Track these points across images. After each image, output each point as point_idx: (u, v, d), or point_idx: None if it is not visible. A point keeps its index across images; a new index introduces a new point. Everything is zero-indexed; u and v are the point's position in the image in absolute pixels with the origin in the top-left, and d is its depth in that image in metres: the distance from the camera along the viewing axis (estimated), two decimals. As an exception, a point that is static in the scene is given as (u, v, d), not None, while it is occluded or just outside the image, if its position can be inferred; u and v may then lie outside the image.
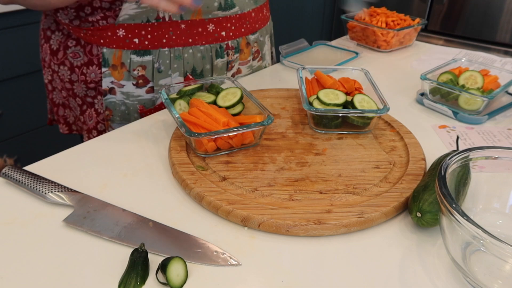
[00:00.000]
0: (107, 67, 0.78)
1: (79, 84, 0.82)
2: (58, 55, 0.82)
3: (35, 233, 0.49)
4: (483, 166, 0.50)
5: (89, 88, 0.81)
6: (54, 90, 0.89)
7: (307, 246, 0.48)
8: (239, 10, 0.82)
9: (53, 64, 0.83)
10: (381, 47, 1.11)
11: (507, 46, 1.95)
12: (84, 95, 0.83)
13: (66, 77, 0.82)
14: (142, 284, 0.43)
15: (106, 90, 0.80)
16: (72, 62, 0.80)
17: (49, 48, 0.83)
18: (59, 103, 0.90)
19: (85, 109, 0.85)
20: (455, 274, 0.45)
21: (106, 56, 0.77)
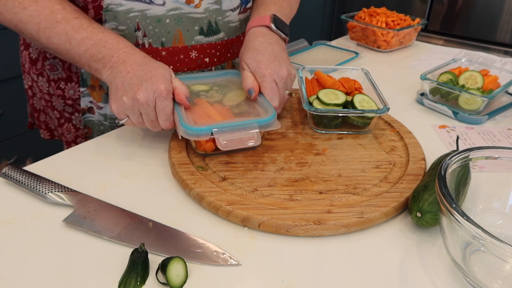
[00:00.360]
0: (85, 87, 0.75)
1: (56, 98, 0.80)
2: (37, 65, 0.79)
3: (35, 233, 0.49)
4: (483, 166, 0.50)
5: (66, 105, 0.79)
6: (34, 96, 0.86)
7: (307, 246, 0.48)
8: (225, 36, 0.77)
9: (32, 73, 0.81)
10: (381, 47, 1.11)
11: (507, 46, 1.95)
12: (62, 109, 0.81)
13: (44, 89, 0.80)
14: (142, 284, 0.43)
15: (85, 109, 0.77)
16: (49, 75, 0.78)
17: (28, 56, 0.81)
18: (40, 109, 0.88)
19: (63, 123, 0.83)
20: (455, 274, 0.45)
21: (84, 77, 0.75)
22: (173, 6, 0.69)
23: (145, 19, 0.68)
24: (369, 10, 1.19)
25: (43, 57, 0.78)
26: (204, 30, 0.74)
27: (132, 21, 0.68)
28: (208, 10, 0.72)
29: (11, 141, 1.71)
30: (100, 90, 0.75)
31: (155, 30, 0.70)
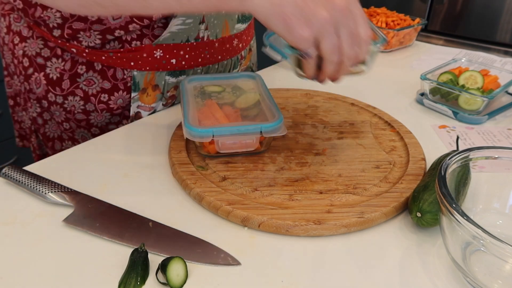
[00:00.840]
0: (137, 91, 0.71)
1: (98, 113, 0.73)
2: (62, 85, 0.71)
3: (35, 233, 0.49)
4: (483, 166, 0.50)
5: (113, 115, 0.74)
6: (46, 123, 0.78)
7: (307, 246, 0.48)
8: (250, 20, 0.82)
9: (53, 96, 0.72)
10: (381, 47, 1.11)
11: (507, 46, 1.95)
12: (106, 123, 0.75)
13: (78, 108, 0.73)
14: (142, 284, 0.43)
15: (133, 116, 0.74)
16: (87, 91, 0.71)
17: (44, 78, 0.71)
18: (54, 137, 0.80)
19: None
20: (455, 274, 0.45)
21: (136, 80, 0.70)
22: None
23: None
24: (369, 10, 1.19)
25: (71, 75, 0.71)
26: (239, 17, 0.77)
27: (200, 14, 0.69)
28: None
29: (11, 141, 1.71)
30: (154, 90, 0.72)
31: (215, 22, 0.71)
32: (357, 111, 0.75)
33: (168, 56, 0.71)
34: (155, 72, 0.72)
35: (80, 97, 0.72)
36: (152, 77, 0.72)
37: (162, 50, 0.70)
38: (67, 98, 0.72)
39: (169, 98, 0.76)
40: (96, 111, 0.73)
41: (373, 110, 0.74)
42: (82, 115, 0.74)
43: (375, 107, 0.76)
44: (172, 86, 0.75)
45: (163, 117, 0.74)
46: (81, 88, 0.71)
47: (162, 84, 0.73)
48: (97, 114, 0.74)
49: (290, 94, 0.81)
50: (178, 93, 0.76)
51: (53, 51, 0.71)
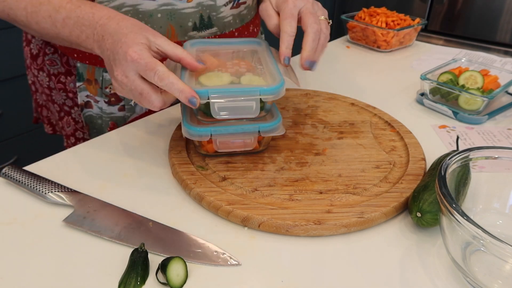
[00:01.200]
0: (81, 81, 0.75)
1: (57, 92, 0.79)
2: (38, 61, 0.79)
3: (35, 233, 0.49)
4: (483, 166, 0.50)
5: (68, 98, 0.79)
6: (37, 91, 0.86)
7: (307, 246, 0.48)
8: (218, 31, 0.75)
9: (33, 69, 0.81)
10: (381, 47, 1.11)
11: (507, 46, 1.95)
12: (62, 103, 0.81)
13: (45, 83, 0.80)
14: (142, 284, 0.43)
15: (82, 105, 0.77)
16: (49, 70, 0.78)
17: (29, 52, 0.81)
18: (42, 104, 0.88)
19: (63, 116, 0.83)
20: (455, 274, 0.45)
21: (80, 71, 0.74)
22: (165, 1, 0.68)
23: (137, 14, 0.68)
24: (369, 10, 1.19)
25: (43, 53, 0.77)
26: (197, 25, 0.73)
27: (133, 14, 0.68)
28: (201, 5, 0.71)
29: (11, 141, 1.71)
30: (96, 84, 0.74)
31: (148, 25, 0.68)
32: (357, 111, 0.75)
33: None
34: (95, 66, 0.74)
35: (46, 74, 0.79)
36: (93, 71, 0.74)
37: None
38: (39, 72, 0.80)
39: (111, 95, 0.75)
40: (55, 89, 0.79)
41: (373, 110, 0.74)
42: (47, 90, 0.81)
43: (375, 107, 0.76)
44: (110, 83, 0.74)
45: (163, 117, 0.74)
46: (46, 66, 0.78)
47: (100, 80, 0.74)
48: (56, 92, 0.80)
49: (290, 94, 0.81)
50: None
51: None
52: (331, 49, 1.13)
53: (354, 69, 0.99)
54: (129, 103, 0.76)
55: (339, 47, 1.15)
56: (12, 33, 1.64)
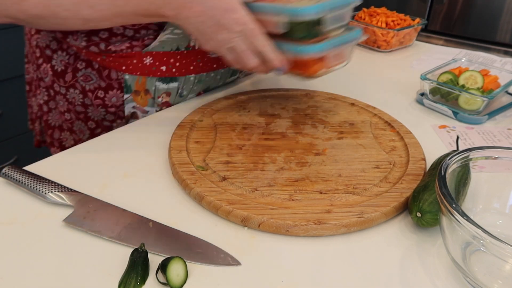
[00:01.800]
0: (129, 93, 0.74)
1: (94, 108, 0.76)
2: (66, 78, 0.75)
3: (35, 233, 0.49)
4: (483, 166, 0.50)
5: (108, 113, 0.76)
6: (50, 112, 0.82)
7: (307, 246, 0.48)
8: None
9: (58, 86, 0.76)
10: (381, 47, 1.11)
11: (507, 46, 1.95)
12: (101, 119, 0.78)
13: (77, 101, 0.76)
14: (142, 284, 0.43)
15: (128, 116, 0.76)
16: (84, 86, 0.74)
17: (51, 69, 0.76)
18: (55, 126, 0.83)
19: (99, 132, 0.79)
20: (455, 274, 0.45)
21: (128, 83, 0.73)
22: None
23: None
24: (369, 10, 1.19)
25: (73, 69, 0.74)
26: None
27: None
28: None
29: (11, 141, 1.71)
30: (146, 94, 0.74)
31: None
32: (357, 111, 0.75)
33: (158, 63, 0.72)
34: (147, 77, 0.73)
35: (80, 91, 0.75)
36: (144, 81, 0.73)
37: (152, 57, 0.72)
38: (69, 90, 0.76)
39: (162, 104, 0.77)
40: (92, 105, 0.76)
41: (373, 110, 0.74)
42: (81, 108, 0.77)
43: (375, 107, 0.76)
44: (164, 92, 0.75)
45: (163, 117, 0.74)
46: (79, 83, 0.75)
47: (153, 90, 0.74)
48: (94, 108, 0.76)
49: (290, 94, 0.81)
50: (172, 99, 0.77)
51: (59, 44, 0.74)
52: (331, 49, 1.13)
53: (354, 69, 0.99)
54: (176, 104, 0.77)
55: (339, 47, 1.14)
56: (12, 33, 1.64)
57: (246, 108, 0.75)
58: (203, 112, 0.72)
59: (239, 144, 0.64)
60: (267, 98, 0.79)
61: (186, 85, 0.77)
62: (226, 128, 0.68)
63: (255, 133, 0.67)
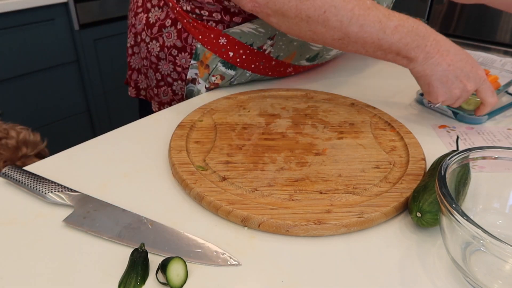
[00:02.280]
0: (196, 60, 0.80)
1: (166, 63, 0.84)
2: (153, 30, 0.83)
3: (35, 233, 0.49)
4: (483, 166, 0.50)
5: (174, 71, 0.83)
6: (133, 55, 0.92)
7: (307, 246, 0.48)
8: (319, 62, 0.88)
9: (145, 35, 0.85)
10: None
11: (507, 46, 1.95)
12: (167, 74, 0.85)
13: (155, 52, 0.84)
14: (142, 284, 0.43)
15: (189, 80, 0.82)
16: (165, 42, 0.82)
17: (145, 19, 0.85)
18: (135, 68, 0.93)
19: (162, 85, 0.88)
20: (455, 274, 0.45)
21: (198, 52, 0.79)
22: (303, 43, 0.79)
23: (283, 35, 0.77)
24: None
25: (160, 25, 0.82)
26: (309, 58, 0.85)
27: (273, 31, 0.76)
28: (324, 47, 0.80)
29: (11, 141, 1.71)
30: (205, 68, 0.80)
31: (282, 46, 0.78)
32: (357, 111, 0.75)
33: (229, 48, 0.78)
34: (214, 54, 0.79)
35: (160, 44, 0.83)
36: (209, 56, 0.79)
37: (227, 40, 0.78)
38: (152, 40, 0.84)
39: (213, 84, 0.82)
40: (165, 59, 0.84)
41: (373, 110, 0.74)
42: (155, 59, 0.85)
43: (375, 107, 0.76)
44: (219, 74, 0.81)
45: (163, 117, 0.74)
46: (162, 37, 0.82)
47: (213, 67, 0.80)
48: (165, 63, 0.84)
49: (290, 94, 0.81)
50: (222, 83, 0.83)
51: (159, 2, 0.82)
52: (331, 49, 1.13)
53: (354, 69, 0.99)
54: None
55: (339, 47, 1.14)
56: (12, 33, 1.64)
57: (246, 108, 0.75)
58: (203, 112, 0.72)
59: (239, 144, 0.64)
60: (267, 98, 0.79)
61: (239, 77, 0.83)
62: (226, 128, 0.68)
63: (255, 133, 0.67)
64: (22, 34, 1.66)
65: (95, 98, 2.00)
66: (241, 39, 0.77)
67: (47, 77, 1.80)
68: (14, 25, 1.63)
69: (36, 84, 1.77)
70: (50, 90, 1.83)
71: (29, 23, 1.67)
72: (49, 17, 1.73)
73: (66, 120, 1.93)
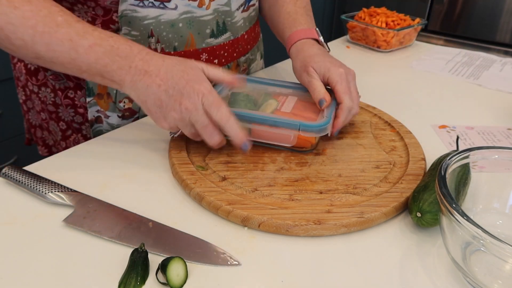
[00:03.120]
0: (91, 96, 0.72)
1: (64, 108, 0.75)
2: (38, 76, 0.75)
3: (35, 233, 0.49)
4: (483, 166, 0.50)
5: (77, 114, 0.75)
6: (29, 111, 0.83)
7: (307, 246, 0.48)
8: (231, 35, 0.77)
9: (31, 85, 0.77)
10: (381, 47, 1.11)
11: (507, 46, 1.95)
12: (70, 120, 0.76)
13: (49, 100, 0.76)
14: (142, 284, 0.43)
15: (93, 120, 0.75)
16: (54, 85, 0.74)
17: (24, 68, 0.76)
18: (36, 125, 0.84)
19: (70, 134, 0.79)
20: (455, 274, 0.45)
21: (90, 85, 0.71)
22: (185, 10, 0.69)
23: (159, 25, 0.68)
24: (369, 10, 1.19)
25: (44, 68, 0.74)
26: (214, 32, 0.74)
27: (146, 28, 0.68)
28: (216, 11, 0.72)
29: (11, 141, 1.71)
30: (108, 98, 0.73)
31: (169, 35, 0.70)
32: (357, 111, 0.75)
33: None
34: None
35: (51, 89, 0.75)
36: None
37: None
38: (41, 88, 0.76)
39: (125, 110, 0.74)
40: (62, 105, 0.75)
41: (373, 110, 0.74)
42: (52, 107, 0.77)
43: (375, 107, 0.76)
44: (125, 97, 0.73)
45: (163, 117, 0.74)
46: (50, 81, 0.74)
47: (114, 93, 0.72)
48: (64, 108, 0.76)
49: (290, 94, 0.81)
50: (136, 105, 0.74)
51: None
52: (331, 49, 1.13)
53: (354, 69, 0.99)
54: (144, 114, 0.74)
55: (339, 47, 1.15)
56: (12, 33, 1.64)
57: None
58: (203, 112, 0.72)
59: (239, 144, 0.64)
60: (267, 98, 0.79)
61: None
62: (226, 128, 0.68)
63: (255, 133, 0.67)
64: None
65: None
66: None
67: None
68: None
69: (36, 84, 1.77)
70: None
71: (29, 23, 1.67)
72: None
73: (66, 120, 1.93)
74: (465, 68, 1.00)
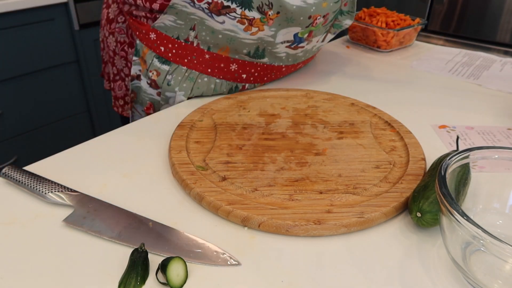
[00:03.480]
0: (138, 56, 0.81)
1: (119, 58, 0.90)
2: (112, 25, 0.89)
3: (35, 233, 0.49)
4: (483, 166, 0.50)
5: (126, 66, 0.88)
6: (103, 49, 0.97)
7: (307, 246, 0.48)
8: (268, 61, 0.82)
9: (106, 30, 0.91)
10: (381, 47, 1.11)
11: (507, 46, 1.95)
12: (120, 68, 0.91)
13: (112, 46, 0.90)
14: (142, 284, 0.43)
15: (134, 76, 0.83)
16: (117, 37, 0.88)
17: (106, 15, 0.91)
18: (106, 61, 0.98)
19: (117, 79, 0.93)
20: (455, 274, 0.45)
21: (138, 48, 0.81)
22: (230, 28, 0.72)
23: (202, 25, 0.74)
24: (369, 10, 1.19)
25: (116, 20, 0.87)
26: (250, 53, 0.78)
27: (191, 21, 0.73)
28: (261, 39, 0.75)
29: (11, 141, 1.71)
30: (144, 64, 0.80)
31: (207, 38, 0.75)
32: (357, 111, 0.75)
33: (159, 42, 0.78)
34: (149, 49, 0.79)
35: (115, 39, 0.89)
36: (146, 51, 0.80)
37: (156, 34, 0.77)
38: (110, 35, 0.91)
39: (152, 81, 0.81)
40: (118, 55, 0.90)
41: (373, 110, 0.74)
42: (112, 53, 0.92)
43: (375, 107, 0.76)
44: (155, 69, 0.80)
45: (163, 117, 0.74)
46: (116, 33, 0.88)
47: (149, 62, 0.80)
48: (119, 58, 0.90)
49: (290, 94, 0.81)
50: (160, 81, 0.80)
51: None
52: (331, 49, 1.13)
53: (354, 69, 0.99)
54: (165, 93, 0.81)
55: (339, 47, 1.15)
56: (12, 33, 1.64)
57: (246, 108, 0.75)
58: (203, 112, 0.72)
59: (239, 144, 0.64)
60: (267, 98, 0.79)
61: (175, 75, 0.79)
62: (226, 128, 0.68)
63: (255, 133, 0.67)
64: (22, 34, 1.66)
65: (95, 98, 2.00)
66: (167, 32, 0.76)
67: (47, 77, 1.80)
68: (14, 25, 1.63)
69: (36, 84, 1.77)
70: (50, 90, 1.83)
71: (29, 23, 1.67)
72: (49, 17, 1.73)
73: (66, 120, 1.93)
74: (465, 68, 1.00)
